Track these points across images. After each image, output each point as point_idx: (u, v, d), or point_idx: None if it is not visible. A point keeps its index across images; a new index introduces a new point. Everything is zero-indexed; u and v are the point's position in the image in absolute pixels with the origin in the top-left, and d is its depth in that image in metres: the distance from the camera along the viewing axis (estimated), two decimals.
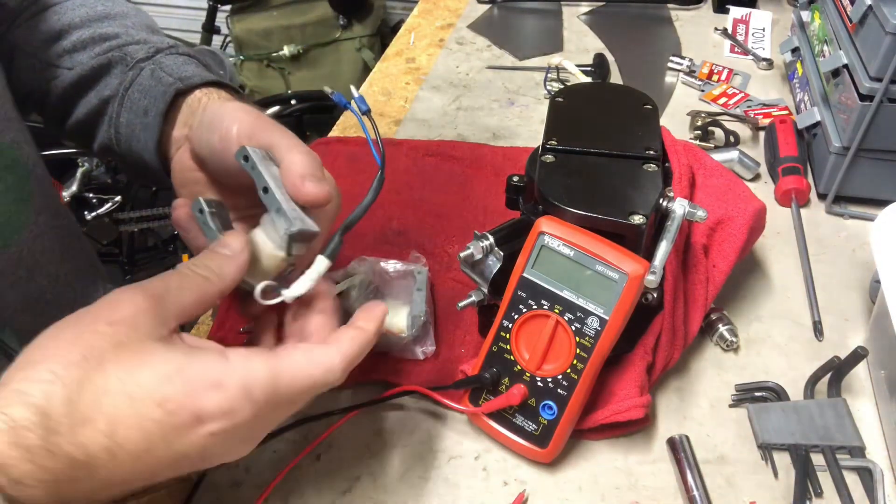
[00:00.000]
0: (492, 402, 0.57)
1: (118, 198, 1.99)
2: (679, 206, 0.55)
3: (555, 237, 0.54)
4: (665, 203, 0.56)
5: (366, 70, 2.34)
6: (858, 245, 0.77)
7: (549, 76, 1.00)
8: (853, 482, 0.56)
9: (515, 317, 0.56)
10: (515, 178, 0.63)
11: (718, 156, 0.83)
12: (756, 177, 0.85)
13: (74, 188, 1.96)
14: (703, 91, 0.99)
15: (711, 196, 0.67)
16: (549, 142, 0.61)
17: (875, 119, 0.74)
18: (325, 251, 0.48)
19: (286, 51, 2.30)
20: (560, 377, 0.55)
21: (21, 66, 0.62)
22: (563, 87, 0.73)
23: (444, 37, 1.14)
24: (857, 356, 0.59)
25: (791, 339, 0.67)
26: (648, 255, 0.54)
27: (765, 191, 0.83)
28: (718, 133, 0.89)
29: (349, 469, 0.58)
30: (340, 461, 0.58)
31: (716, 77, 1.01)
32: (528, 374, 0.56)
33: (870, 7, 0.73)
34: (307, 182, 0.46)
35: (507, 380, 0.57)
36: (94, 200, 1.99)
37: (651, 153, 0.60)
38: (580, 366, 0.54)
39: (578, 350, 0.54)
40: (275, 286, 0.47)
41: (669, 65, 1.03)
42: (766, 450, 0.58)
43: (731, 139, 0.88)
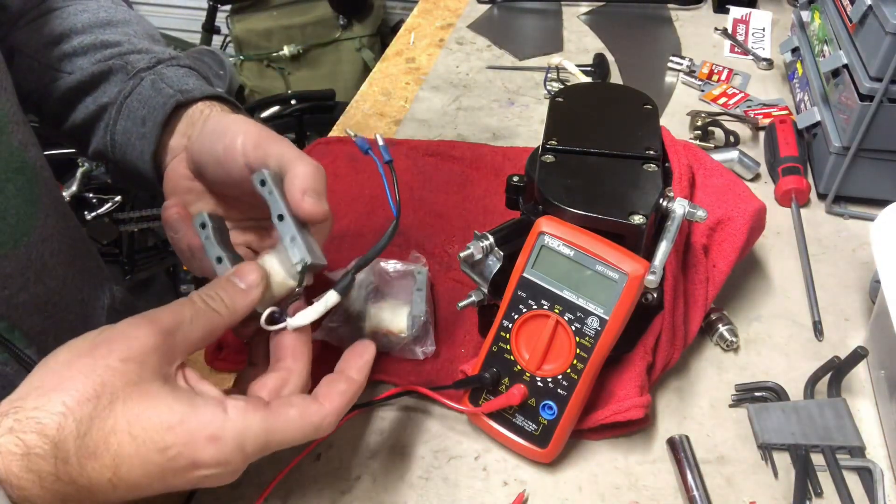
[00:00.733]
0: (492, 402, 0.57)
1: (118, 198, 1.99)
2: (679, 206, 0.55)
3: (555, 237, 0.54)
4: (665, 203, 0.56)
5: (366, 70, 2.34)
6: (858, 245, 0.77)
7: (549, 76, 1.00)
8: (853, 482, 0.56)
9: (515, 317, 0.56)
10: (515, 178, 0.63)
11: (718, 156, 0.83)
12: (756, 177, 0.85)
13: (74, 188, 1.96)
14: (703, 91, 0.99)
15: (711, 196, 0.67)
16: (549, 142, 0.61)
17: (875, 119, 0.74)
18: (337, 286, 0.49)
19: (286, 51, 2.30)
20: (560, 377, 0.55)
21: (20, 68, 0.63)
22: (563, 87, 0.73)
23: (444, 37, 1.14)
24: (857, 356, 0.59)
25: (791, 339, 0.67)
26: (648, 255, 0.54)
27: (765, 191, 0.83)
28: (718, 133, 0.89)
29: (349, 469, 0.58)
30: (340, 461, 0.58)
31: (716, 77, 1.01)
32: (528, 374, 0.56)
33: (870, 7, 0.73)
34: (307, 198, 0.47)
35: (507, 380, 0.57)
36: (94, 200, 1.99)
37: (651, 153, 0.60)
38: (580, 366, 0.54)
39: (578, 350, 0.54)
40: (279, 313, 0.48)
41: (669, 65, 1.03)
42: (766, 450, 0.58)
43: (731, 139, 0.88)
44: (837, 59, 0.78)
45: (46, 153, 0.62)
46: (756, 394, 0.62)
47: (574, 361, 0.54)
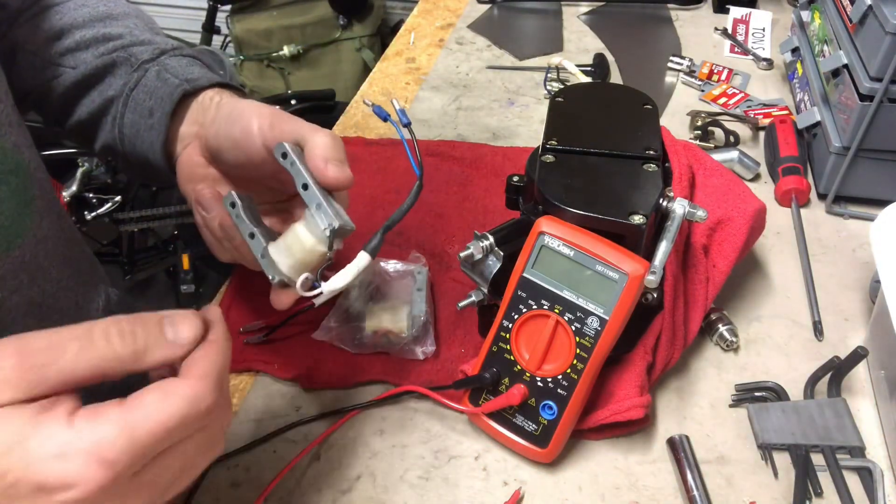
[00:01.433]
0: (492, 402, 0.57)
1: (118, 198, 1.99)
2: (679, 206, 0.55)
3: (555, 237, 0.54)
4: (665, 203, 0.56)
5: (366, 70, 2.34)
6: (858, 245, 0.77)
7: (549, 76, 1.00)
8: (853, 482, 0.56)
9: (515, 317, 0.56)
10: (515, 178, 0.63)
11: (718, 156, 0.83)
12: (756, 177, 0.85)
13: (74, 188, 1.95)
14: (703, 91, 0.99)
15: (711, 196, 0.67)
16: (549, 142, 0.61)
17: (875, 119, 0.74)
18: (367, 247, 0.49)
19: (286, 51, 2.30)
20: (560, 377, 0.55)
21: (22, 64, 0.63)
22: (563, 87, 0.73)
23: (444, 37, 1.14)
24: (857, 356, 0.59)
25: (791, 339, 0.67)
26: (648, 255, 0.54)
27: (765, 191, 0.83)
28: (718, 133, 0.89)
29: (349, 469, 0.58)
30: (340, 461, 0.58)
31: (716, 77, 1.01)
32: (528, 374, 0.56)
33: (870, 7, 0.73)
34: (330, 165, 0.48)
35: (507, 380, 0.57)
36: (94, 200, 1.99)
37: (651, 153, 0.60)
38: (580, 366, 0.54)
39: (578, 350, 0.54)
40: (313, 279, 0.48)
41: (669, 65, 1.03)
42: (766, 450, 0.58)
43: (731, 139, 0.88)
44: (837, 59, 0.78)
45: (46, 153, 0.63)
46: (756, 394, 0.62)
47: (574, 361, 0.54)
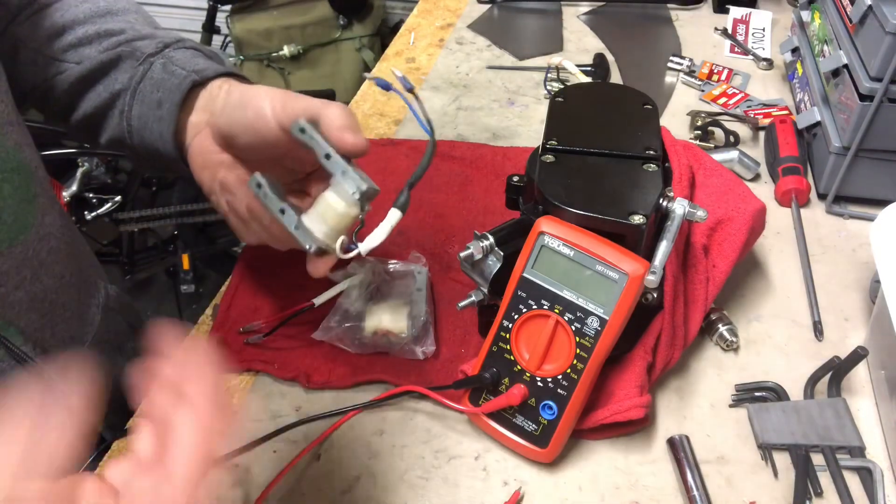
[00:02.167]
0: (492, 402, 0.57)
1: (118, 198, 1.99)
2: (679, 206, 0.55)
3: (555, 237, 0.54)
4: (665, 203, 0.56)
5: (366, 70, 2.34)
6: (858, 245, 0.77)
7: (549, 76, 1.00)
8: (853, 482, 0.56)
9: (515, 317, 0.56)
10: (515, 178, 0.63)
11: (718, 156, 0.83)
12: (756, 177, 0.85)
13: (74, 188, 1.96)
14: (703, 91, 0.99)
15: (711, 196, 0.67)
16: (549, 142, 0.61)
17: (875, 119, 0.74)
18: (397, 203, 0.51)
19: (286, 51, 2.30)
20: (560, 377, 0.55)
21: (24, 62, 0.63)
22: (563, 87, 0.73)
23: (444, 37, 1.14)
24: (857, 356, 0.59)
25: (791, 339, 0.67)
26: (648, 255, 0.54)
27: (765, 191, 0.83)
28: (718, 133, 0.89)
29: (349, 469, 0.58)
30: (340, 461, 0.58)
31: (716, 77, 1.01)
32: (528, 374, 0.56)
33: (870, 7, 0.73)
34: (347, 133, 0.49)
35: (507, 380, 0.57)
36: (94, 200, 1.99)
37: (651, 153, 0.60)
38: (580, 366, 0.54)
39: (578, 350, 0.54)
40: (349, 242, 0.51)
41: (669, 65, 1.03)
42: (766, 450, 0.58)
43: (731, 139, 0.88)
44: (837, 59, 0.78)
45: (46, 153, 0.63)
46: (756, 394, 0.62)
47: (574, 361, 0.54)
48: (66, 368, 0.35)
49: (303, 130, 0.50)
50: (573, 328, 0.54)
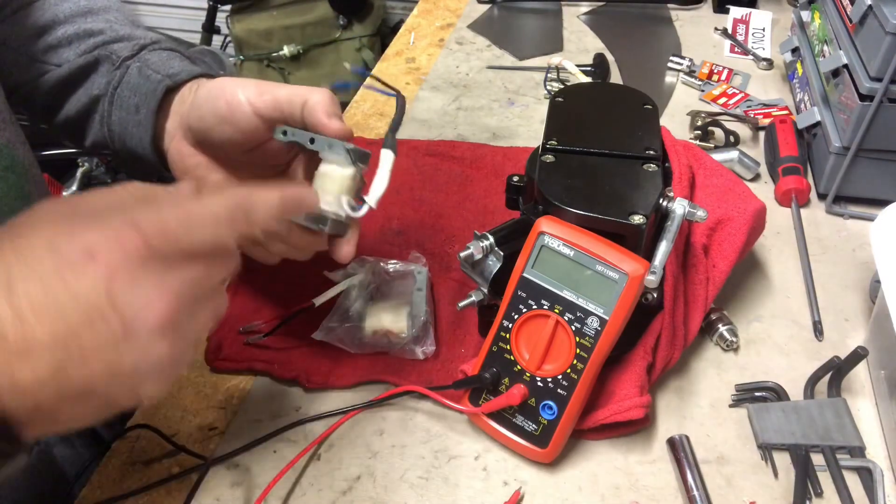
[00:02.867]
0: (492, 402, 0.57)
1: None
2: (679, 206, 0.55)
3: (555, 237, 0.54)
4: (665, 203, 0.56)
5: (366, 70, 2.34)
6: (858, 245, 0.77)
7: (549, 76, 1.00)
8: (853, 482, 0.56)
9: (515, 317, 0.56)
10: (515, 178, 0.63)
11: (718, 156, 0.83)
12: (756, 177, 0.85)
13: (74, 188, 1.95)
14: (703, 91, 0.99)
15: (711, 196, 0.67)
16: (549, 142, 0.61)
17: (875, 119, 0.74)
18: (386, 144, 0.53)
19: (286, 51, 2.30)
20: (560, 377, 0.55)
21: (6, 61, 0.63)
22: (563, 87, 0.73)
23: (444, 37, 1.14)
24: (857, 356, 0.59)
25: (791, 339, 0.67)
26: (648, 255, 0.54)
27: (765, 191, 0.83)
28: (718, 133, 0.89)
29: (349, 469, 0.58)
30: (340, 461, 0.58)
31: (716, 77, 1.01)
32: (528, 374, 0.56)
33: (870, 7, 0.73)
34: (332, 118, 0.51)
35: (507, 380, 0.57)
36: None
37: (651, 153, 0.60)
38: (580, 366, 0.54)
39: (578, 350, 0.54)
40: (353, 203, 0.52)
41: (669, 65, 1.03)
42: (766, 450, 0.58)
43: (731, 139, 0.88)
44: (837, 59, 0.78)
45: (46, 153, 0.63)
46: (756, 394, 0.62)
47: (574, 361, 0.54)
48: None
49: (285, 133, 0.53)
50: (573, 328, 0.54)
